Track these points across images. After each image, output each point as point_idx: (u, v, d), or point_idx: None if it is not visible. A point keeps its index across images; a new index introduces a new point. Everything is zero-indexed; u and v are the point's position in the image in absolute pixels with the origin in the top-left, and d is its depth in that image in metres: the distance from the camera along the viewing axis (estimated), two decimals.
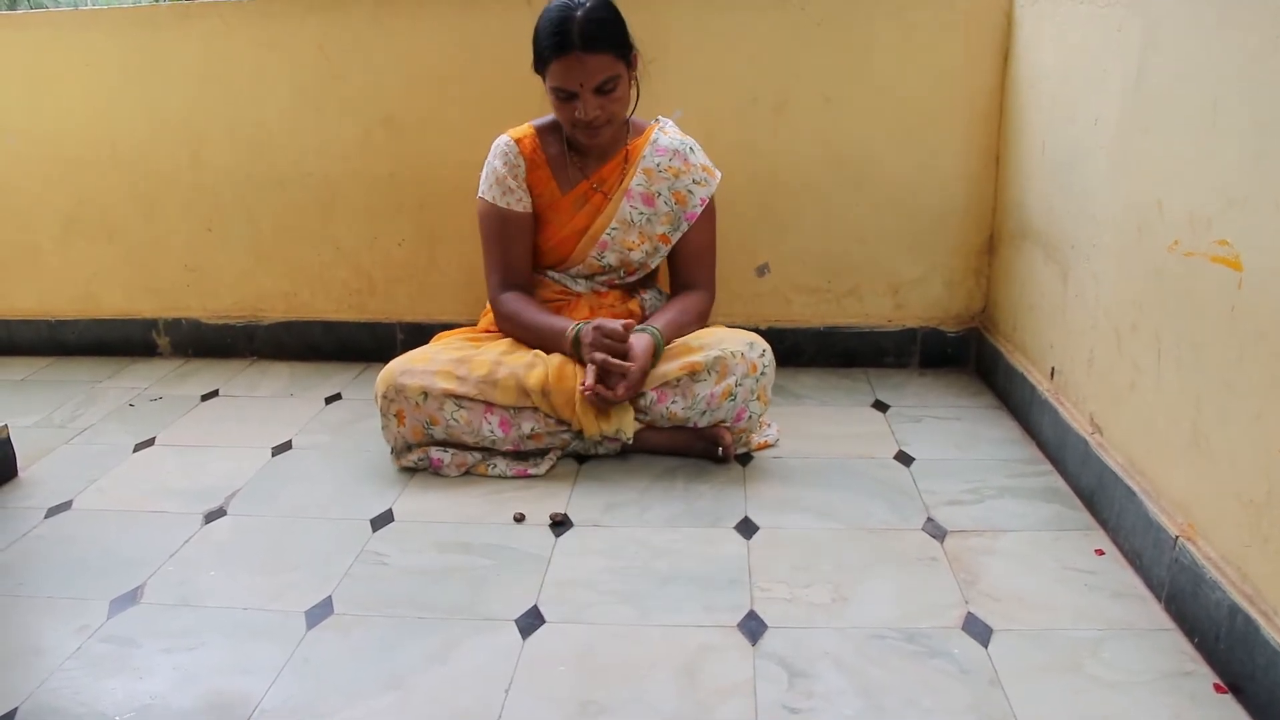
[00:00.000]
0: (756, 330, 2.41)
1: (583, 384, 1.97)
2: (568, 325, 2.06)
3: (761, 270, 2.67)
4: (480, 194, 2.18)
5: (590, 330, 2.01)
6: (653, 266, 2.25)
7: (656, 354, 2.03)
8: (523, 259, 2.21)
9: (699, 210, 2.18)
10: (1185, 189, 1.53)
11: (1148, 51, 1.65)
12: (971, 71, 2.47)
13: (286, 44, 2.62)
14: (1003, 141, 2.49)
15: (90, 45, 2.70)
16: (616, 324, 2.00)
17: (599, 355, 1.96)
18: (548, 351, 2.10)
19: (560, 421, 2.06)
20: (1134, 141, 1.72)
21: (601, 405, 1.99)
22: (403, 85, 2.62)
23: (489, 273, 2.21)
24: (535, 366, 2.05)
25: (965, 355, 2.69)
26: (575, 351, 2.04)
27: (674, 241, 2.20)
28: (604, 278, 2.25)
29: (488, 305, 2.28)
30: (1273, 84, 1.29)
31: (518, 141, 2.16)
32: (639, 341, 2.01)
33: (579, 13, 1.94)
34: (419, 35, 2.57)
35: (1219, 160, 1.42)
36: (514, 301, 2.17)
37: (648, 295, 2.30)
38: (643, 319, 2.24)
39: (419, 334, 2.73)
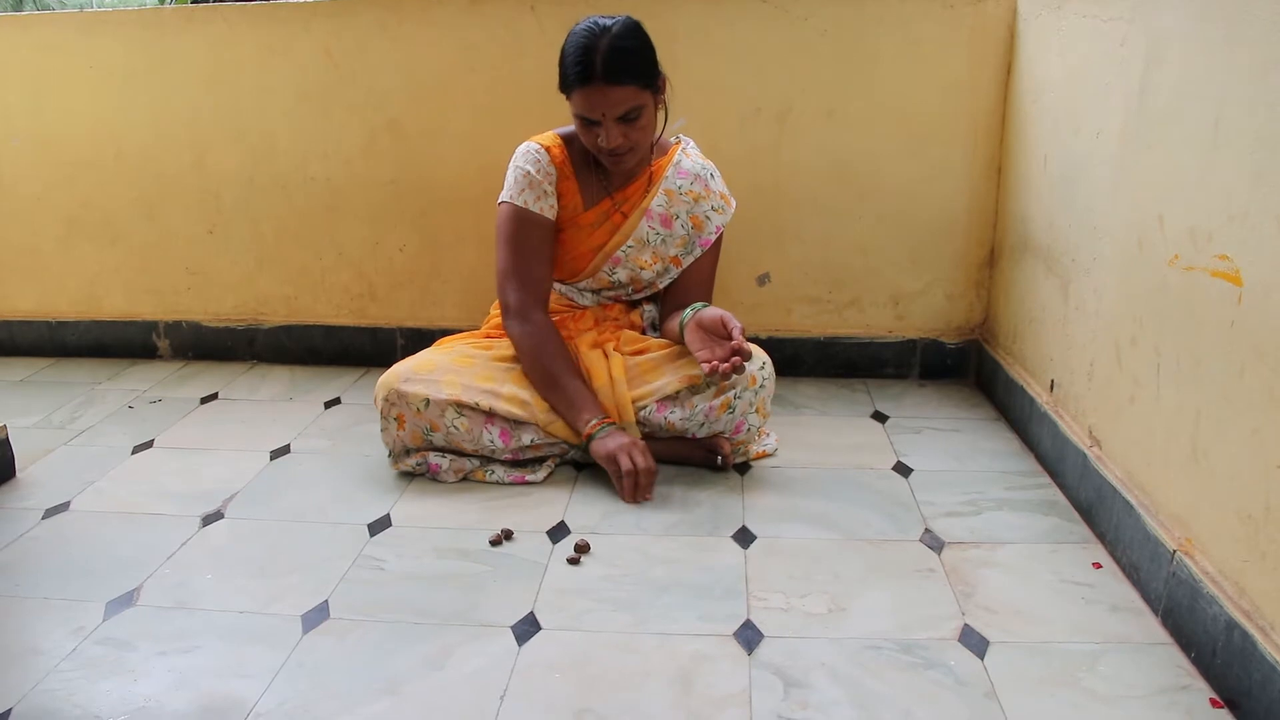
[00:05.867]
0: (756, 339, 2.42)
1: (723, 369, 1.89)
2: (593, 416, 2.00)
3: (762, 280, 2.67)
4: (504, 199, 2.09)
5: (613, 451, 1.96)
6: (661, 286, 2.22)
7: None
8: (545, 270, 2.12)
9: (713, 237, 2.17)
10: (1186, 204, 1.53)
11: (1150, 66, 1.66)
12: (974, 84, 2.48)
13: (292, 48, 2.63)
14: (1005, 154, 2.49)
15: (95, 48, 2.71)
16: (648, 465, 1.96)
17: (734, 362, 1.88)
18: (554, 405, 2.05)
19: None
20: (1136, 156, 1.72)
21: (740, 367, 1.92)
22: (407, 91, 2.63)
23: (506, 281, 2.09)
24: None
25: (965, 367, 2.69)
26: (583, 443, 2.02)
27: (685, 265, 2.18)
28: (611, 292, 2.24)
29: (491, 310, 2.28)
30: (1274, 100, 1.30)
31: (547, 150, 2.09)
32: (706, 312, 1.99)
33: (604, 41, 1.88)
34: (424, 41, 2.58)
35: (1220, 175, 1.43)
36: (545, 338, 2.06)
37: (649, 308, 2.29)
38: (643, 330, 2.24)
39: (419, 340, 2.74)
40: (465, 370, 2.07)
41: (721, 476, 2.09)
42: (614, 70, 1.88)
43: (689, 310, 2.04)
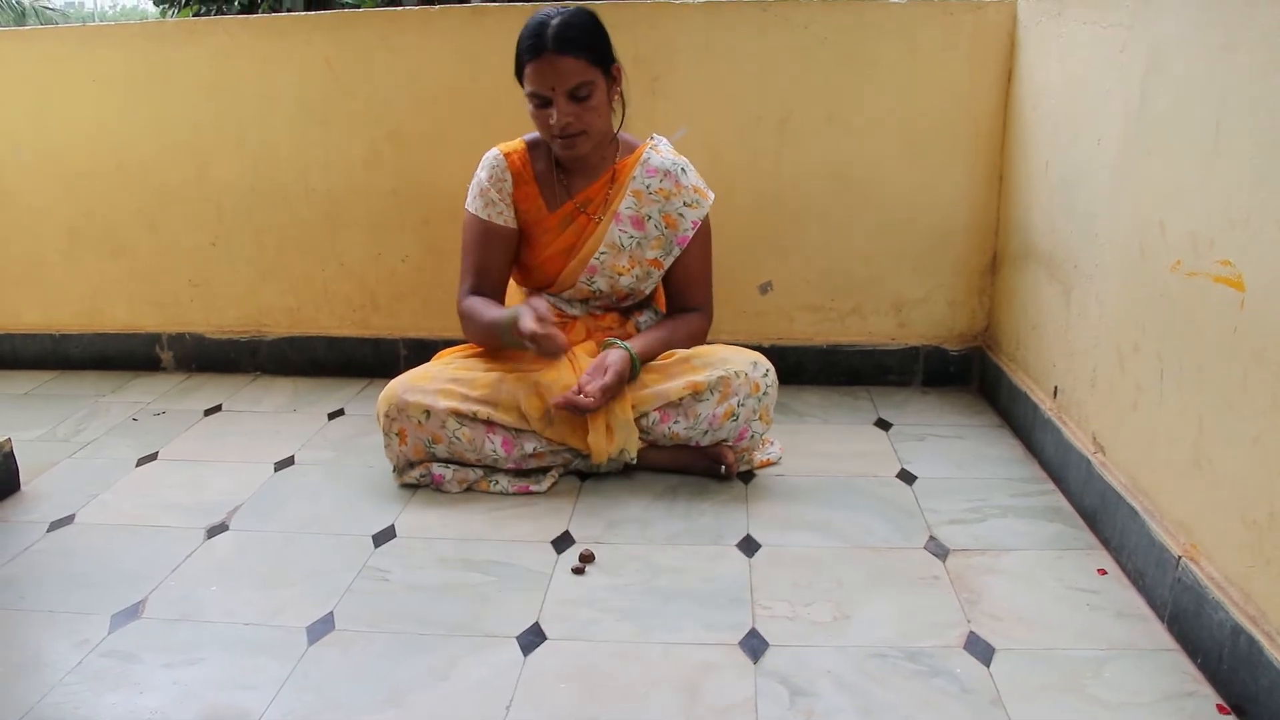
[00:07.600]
0: (759, 348, 2.42)
1: (553, 401, 1.97)
2: (506, 314, 2.01)
3: (764, 288, 2.68)
4: (466, 206, 2.16)
5: (523, 319, 1.93)
6: (646, 292, 2.21)
7: (634, 370, 2.03)
8: (497, 269, 2.17)
9: (690, 234, 2.14)
10: (1187, 209, 1.53)
11: (1151, 73, 1.66)
12: (975, 91, 2.48)
13: (294, 60, 2.64)
14: (1006, 161, 2.49)
15: (98, 60, 2.72)
16: (543, 308, 1.96)
17: (559, 400, 1.96)
18: (499, 346, 2.10)
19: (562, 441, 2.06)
20: (1137, 162, 1.72)
21: (577, 414, 1.99)
22: (408, 101, 2.63)
23: (461, 281, 2.18)
24: (536, 393, 2.04)
25: (968, 374, 2.69)
26: (516, 339, 2.00)
27: (666, 266, 2.16)
28: (597, 303, 2.22)
29: None
30: (1274, 106, 1.30)
31: (507, 156, 2.13)
32: (611, 355, 2.01)
33: (556, 19, 1.95)
34: (425, 52, 2.59)
35: (1221, 181, 1.43)
36: (473, 302, 2.13)
37: (644, 318, 2.26)
38: None
39: (422, 350, 2.73)
40: (463, 380, 2.07)
41: (725, 485, 2.08)
42: (564, 41, 1.93)
43: (607, 343, 2.08)
